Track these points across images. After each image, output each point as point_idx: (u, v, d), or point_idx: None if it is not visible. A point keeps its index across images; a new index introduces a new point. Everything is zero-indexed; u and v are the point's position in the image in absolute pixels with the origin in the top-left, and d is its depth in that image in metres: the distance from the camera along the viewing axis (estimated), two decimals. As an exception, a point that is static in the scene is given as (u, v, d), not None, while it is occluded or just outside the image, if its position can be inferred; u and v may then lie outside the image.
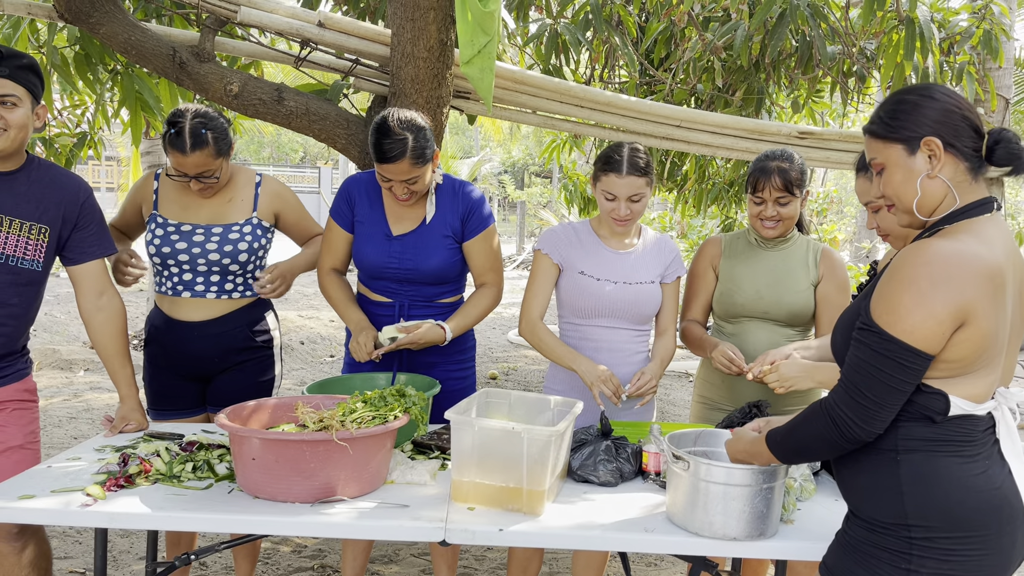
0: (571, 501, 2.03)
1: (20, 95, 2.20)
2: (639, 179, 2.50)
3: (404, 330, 2.54)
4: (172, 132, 2.51)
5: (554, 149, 7.39)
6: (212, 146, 2.53)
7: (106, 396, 6.18)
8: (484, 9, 2.99)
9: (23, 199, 2.27)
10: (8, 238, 2.24)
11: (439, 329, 2.56)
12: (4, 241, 2.24)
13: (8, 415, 2.31)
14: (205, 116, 2.55)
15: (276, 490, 1.92)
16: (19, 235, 2.26)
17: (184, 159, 2.52)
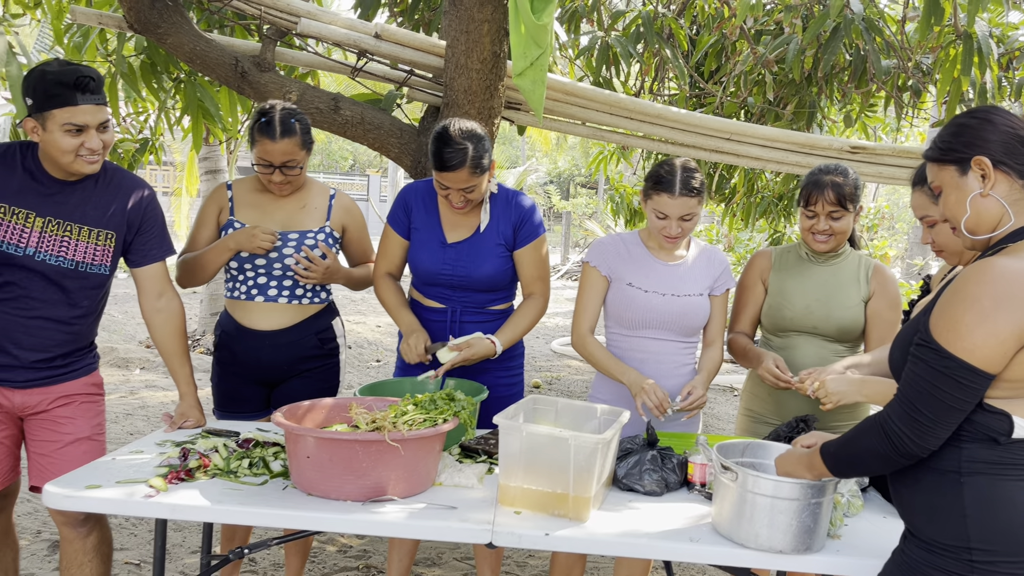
0: (616, 509, 2.05)
1: (109, 116, 2.31)
2: (691, 199, 2.50)
3: (456, 348, 2.58)
4: (263, 120, 2.61)
5: (601, 161, 7.42)
6: (299, 136, 2.63)
7: (160, 394, 6.35)
8: (538, 22, 3.04)
9: (92, 206, 2.37)
10: (79, 245, 2.34)
11: (489, 343, 2.61)
12: (75, 248, 2.34)
13: (76, 408, 2.41)
14: (293, 109, 2.67)
15: (329, 488, 1.97)
16: (88, 242, 2.36)
17: (273, 146, 2.60)
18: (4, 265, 2.28)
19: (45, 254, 2.30)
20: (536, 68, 3.16)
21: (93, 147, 2.25)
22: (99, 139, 2.26)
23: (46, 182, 2.32)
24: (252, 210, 2.75)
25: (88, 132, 2.24)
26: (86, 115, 2.23)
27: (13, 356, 2.31)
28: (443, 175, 2.53)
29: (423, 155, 3.72)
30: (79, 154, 2.25)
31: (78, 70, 2.23)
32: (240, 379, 2.79)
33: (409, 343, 2.62)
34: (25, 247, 2.28)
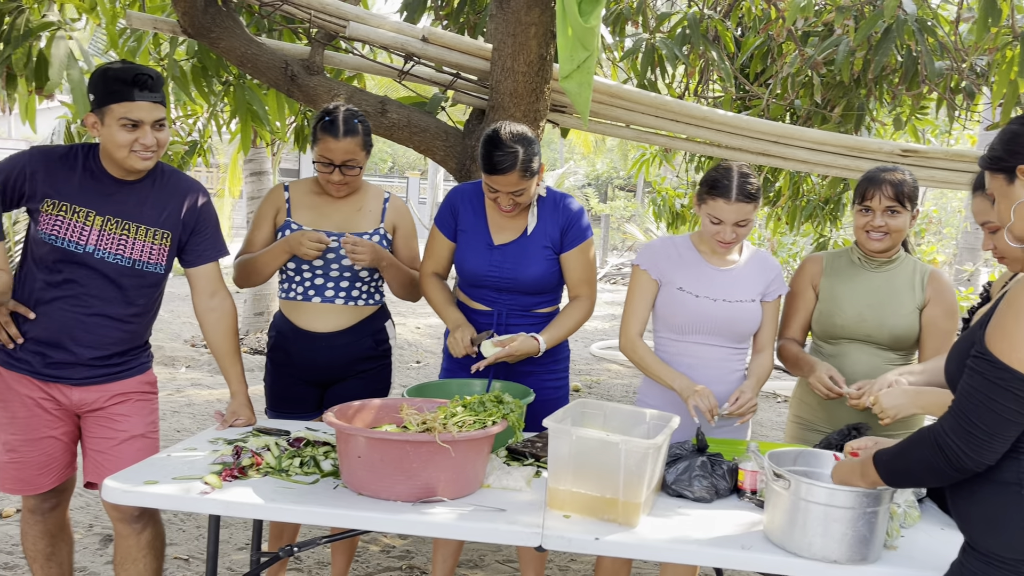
0: (665, 515, 2.04)
1: (165, 115, 2.36)
2: (747, 205, 2.47)
3: (500, 344, 2.59)
4: (327, 119, 2.65)
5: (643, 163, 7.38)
6: (361, 137, 2.66)
7: (206, 392, 6.45)
8: (585, 25, 3.03)
9: (149, 206, 2.42)
10: (135, 244, 2.39)
11: (533, 341, 2.61)
12: (132, 247, 2.39)
13: (131, 406, 2.46)
14: (356, 111, 2.71)
15: (379, 487, 1.99)
16: (145, 241, 2.41)
17: (335, 144, 2.63)
18: (65, 262, 2.34)
19: (104, 252, 2.35)
20: (583, 71, 3.15)
21: (147, 143, 2.31)
22: (153, 136, 2.31)
23: (106, 181, 2.38)
24: (309, 212, 2.78)
25: (143, 128, 2.30)
26: (142, 111, 2.29)
27: (72, 353, 2.37)
28: (492, 178, 2.54)
29: (468, 158, 3.74)
30: (133, 149, 2.30)
31: (138, 68, 2.30)
32: (294, 380, 2.82)
33: (456, 336, 2.63)
34: (85, 245, 2.34)
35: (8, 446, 2.43)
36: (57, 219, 2.33)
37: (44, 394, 2.40)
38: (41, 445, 2.43)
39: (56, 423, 2.44)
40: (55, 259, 2.34)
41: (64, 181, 2.35)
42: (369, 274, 2.79)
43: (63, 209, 2.33)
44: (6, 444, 2.43)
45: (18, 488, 2.47)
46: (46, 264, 2.35)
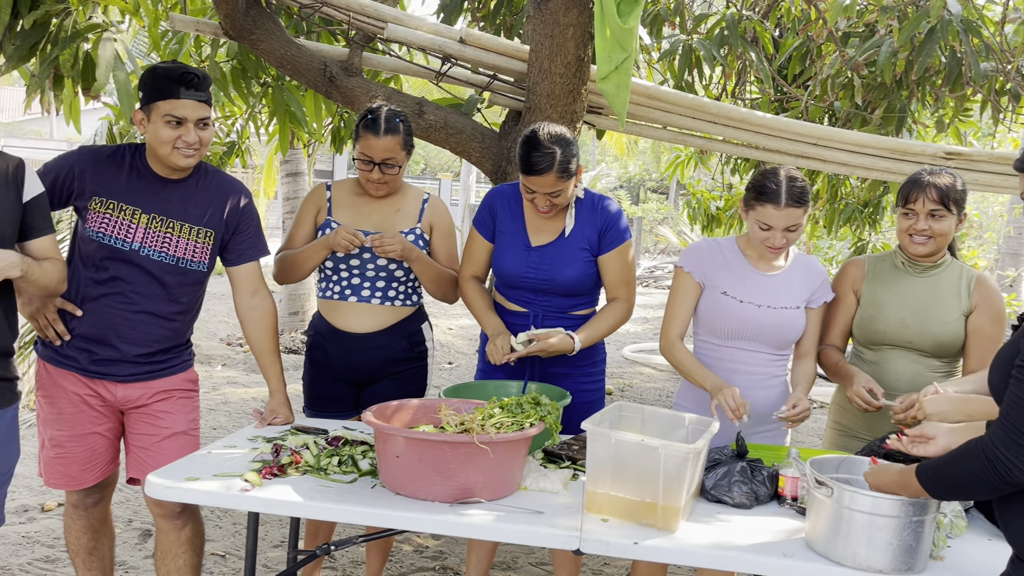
0: (704, 520, 2.02)
1: (211, 116, 2.40)
2: (797, 209, 2.42)
3: (535, 337, 2.58)
4: (369, 117, 2.68)
5: (678, 165, 7.34)
6: (402, 136, 2.68)
7: (241, 391, 6.53)
8: (623, 26, 3.02)
9: (192, 205, 2.45)
10: (179, 242, 2.43)
11: (569, 339, 2.60)
12: (176, 244, 2.42)
13: (174, 403, 2.49)
14: (399, 111, 2.74)
15: (417, 488, 1.99)
16: (188, 239, 2.44)
17: (376, 141, 2.65)
18: (111, 260, 2.38)
19: (149, 249, 2.39)
20: (621, 72, 3.14)
21: (190, 141, 2.34)
22: (196, 134, 2.35)
23: (152, 180, 2.42)
24: (349, 211, 2.80)
25: (186, 126, 2.34)
26: (186, 109, 2.33)
27: (117, 350, 2.41)
28: (530, 179, 2.53)
29: (504, 159, 3.73)
30: (176, 146, 2.34)
31: (185, 68, 2.35)
32: (331, 379, 2.83)
33: (496, 344, 2.63)
34: (131, 242, 2.38)
35: (54, 442, 2.48)
36: (104, 217, 2.37)
37: (90, 391, 2.44)
38: (86, 441, 2.47)
39: (101, 419, 2.48)
40: (102, 256, 2.38)
41: (111, 180, 2.39)
42: (405, 274, 2.80)
43: (110, 207, 2.37)
44: (52, 440, 2.48)
45: (63, 483, 2.51)
46: (93, 262, 2.40)
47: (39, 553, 3.46)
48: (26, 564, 3.36)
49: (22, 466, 4.48)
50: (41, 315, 2.40)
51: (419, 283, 2.86)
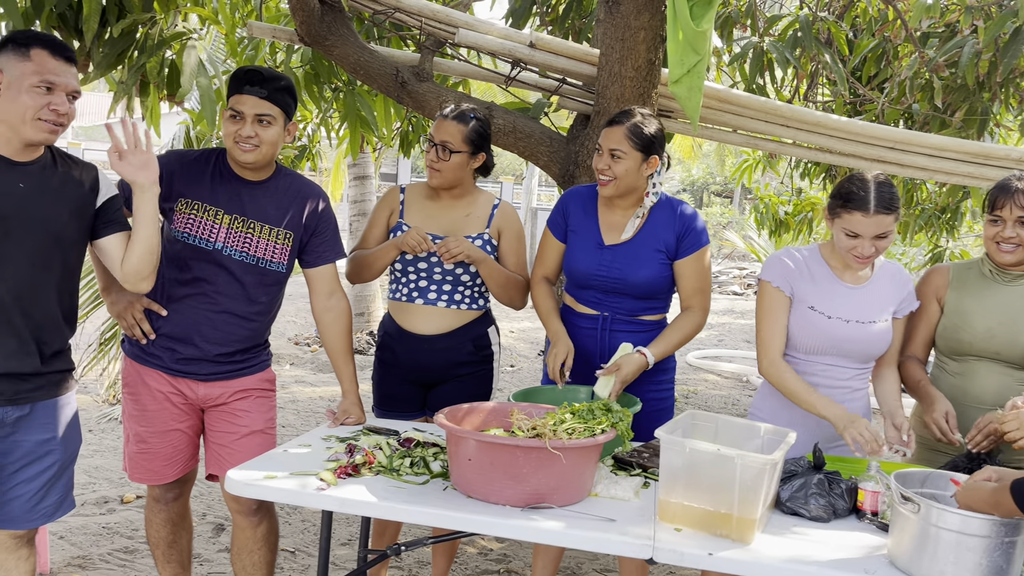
0: (780, 533, 1.97)
1: (275, 114, 2.44)
2: (887, 217, 2.31)
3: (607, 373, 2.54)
4: (451, 107, 2.82)
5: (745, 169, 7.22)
6: (467, 126, 2.75)
7: (309, 390, 6.65)
8: (697, 29, 2.98)
9: (272, 206, 2.51)
10: (260, 242, 2.49)
11: (640, 357, 2.57)
12: (256, 245, 2.48)
13: (252, 402, 2.55)
14: (480, 112, 2.84)
15: (489, 491, 2.00)
16: (268, 239, 2.50)
17: (441, 123, 2.76)
18: (195, 259, 2.46)
19: (231, 249, 2.46)
20: (693, 75, 3.10)
21: (244, 134, 2.41)
22: (253, 128, 2.40)
23: (234, 182, 2.50)
24: (420, 214, 2.84)
25: (244, 120, 2.40)
26: (244, 104, 2.41)
27: (199, 349, 2.48)
28: (603, 133, 2.60)
29: (571, 163, 3.73)
30: (235, 140, 2.42)
31: (253, 68, 2.45)
32: (399, 379, 2.87)
33: (553, 353, 2.63)
34: (214, 242, 2.45)
35: (139, 437, 2.56)
36: (189, 217, 2.45)
37: (173, 389, 2.51)
38: (168, 437, 2.55)
39: (182, 417, 2.55)
40: (186, 256, 2.46)
41: (197, 181, 2.48)
42: (471, 279, 2.81)
43: (195, 208, 2.45)
44: (137, 436, 2.56)
45: (146, 478, 2.59)
46: (177, 262, 2.47)
47: (119, 544, 3.58)
48: (106, 554, 3.47)
49: (102, 458, 4.66)
50: (128, 314, 2.48)
51: (486, 287, 2.87)
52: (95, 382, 5.98)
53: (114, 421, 5.37)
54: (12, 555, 2.23)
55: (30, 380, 2.18)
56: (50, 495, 2.25)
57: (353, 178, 8.87)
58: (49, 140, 2.14)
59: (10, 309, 2.13)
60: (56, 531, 3.62)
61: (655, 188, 2.69)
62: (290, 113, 2.49)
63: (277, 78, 2.45)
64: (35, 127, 2.09)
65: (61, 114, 2.11)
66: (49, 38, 2.15)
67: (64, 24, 3.06)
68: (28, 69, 2.08)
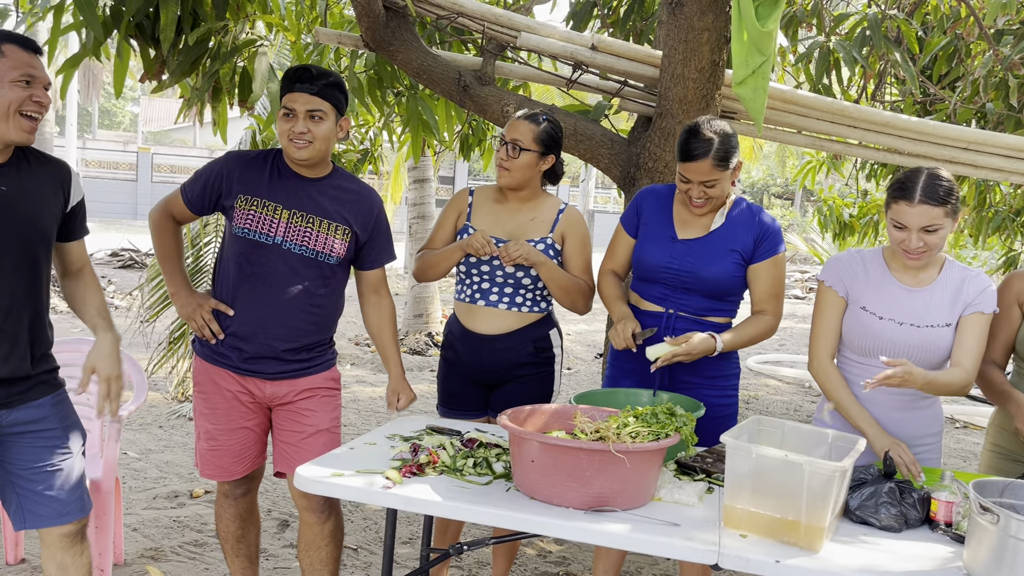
0: (849, 542, 1.94)
1: (326, 110, 2.49)
2: (934, 208, 2.24)
3: (675, 342, 2.52)
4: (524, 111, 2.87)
5: (808, 170, 7.09)
6: (538, 129, 2.80)
7: (369, 390, 6.75)
8: (762, 29, 2.94)
9: (329, 202, 2.57)
10: (319, 236, 2.55)
11: (711, 339, 2.54)
12: (315, 238, 2.54)
13: (318, 401, 2.60)
14: (552, 117, 2.89)
15: (552, 493, 2.00)
16: (326, 233, 2.56)
17: (514, 122, 2.82)
18: (256, 254, 2.52)
19: (291, 243, 2.52)
20: (758, 76, 3.05)
21: (298, 131, 2.46)
22: (305, 125, 2.45)
23: (291, 179, 2.56)
24: (486, 217, 2.87)
25: (296, 117, 2.46)
26: (295, 102, 2.47)
27: (265, 345, 2.54)
28: (686, 165, 2.54)
29: (633, 165, 3.71)
30: (289, 138, 2.48)
31: (302, 66, 2.51)
32: (462, 379, 2.90)
33: (618, 327, 2.59)
34: (274, 236, 2.52)
35: (208, 435, 2.63)
36: (249, 213, 2.52)
37: (241, 387, 2.58)
38: (237, 435, 2.62)
39: (250, 415, 2.62)
40: (248, 251, 2.53)
41: (255, 179, 2.55)
42: (533, 282, 2.82)
43: (254, 204, 2.52)
44: (207, 433, 2.64)
45: (215, 474, 2.67)
46: (238, 259, 2.55)
47: (188, 537, 3.69)
48: (177, 546, 3.58)
49: (172, 454, 4.81)
50: (197, 315, 2.56)
51: (548, 291, 2.88)
52: (164, 380, 6.17)
53: (183, 418, 5.53)
54: (68, 553, 2.29)
55: (24, 383, 2.19)
56: (76, 488, 2.28)
57: (413, 181, 8.97)
58: (28, 140, 2.15)
59: (3, 314, 2.13)
60: (129, 523, 3.75)
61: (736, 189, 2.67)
62: (341, 108, 2.54)
63: (326, 75, 2.50)
64: (16, 124, 2.09)
65: (43, 104, 2.12)
66: (14, 34, 2.15)
67: (141, 33, 3.17)
68: (6, 65, 2.07)
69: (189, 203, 2.61)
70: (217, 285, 2.63)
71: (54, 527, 2.26)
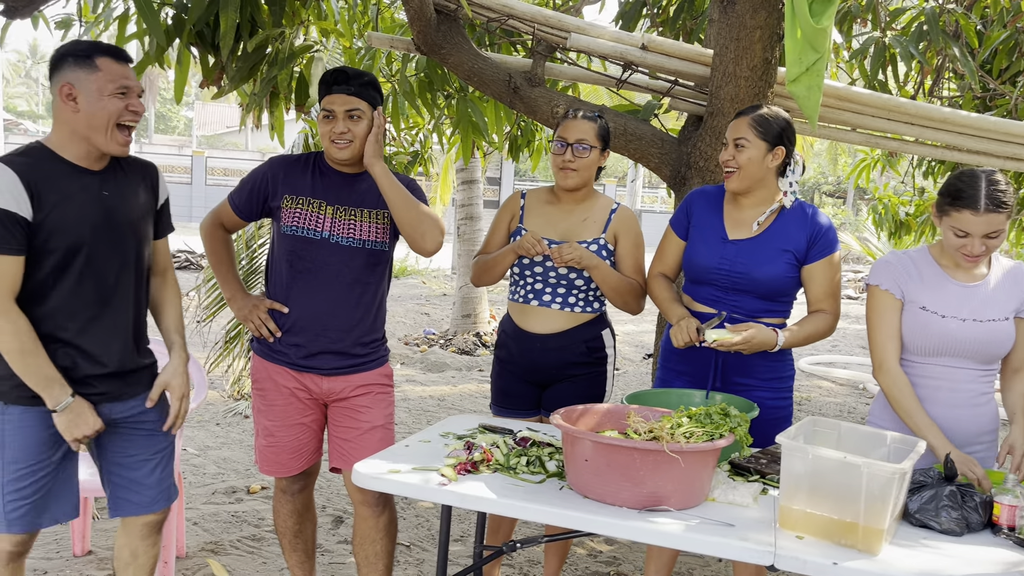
0: (909, 545, 1.91)
1: (363, 108, 2.55)
2: (998, 215, 2.22)
3: (735, 330, 2.50)
4: (570, 111, 2.89)
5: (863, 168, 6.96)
6: (596, 124, 2.84)
7: (419, 389, 6.82)
8: (816, 26, 2.91)
9: (369, 192, 2.63)
10: (363, 225, 2.61)
11: (772, 333, 2.52)
12: (360, 228, 2.61)
13: (373, 398, 2.66)
14: (600, 114, 2.93)
15: (605, 492, 2.01)
16: (370, 222, 2.63)
17: (573, 123, 2.83)
18: (305, 250, 2.59)
19: (339, 236, 2.59)
20: (812, 74, 3.03)
21: (339, 131, 2.52)
22: (345, 125, 2.51)
23: (333, 177, 2.64)
24: (539, 219, 2.89)
25: (336, 118, 2.52)
26: (334, 103, 2.53)
27: (321, 338, 2.60)
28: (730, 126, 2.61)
29: (683, 165, 3.70)
30: (331, 139, 2.54)
31: (338, 69, 2.56)
32: (515, 377, 2.93)
33: (680, 325, 2.58)
34: (321, 231, 2.59)
35: (267, 431, 2.70)
36: (295, 211, 2.60)
37: (298, 384, 2.65)
38: (294, 431, 2.69)
39: (307, 411, 2.68)
40: (297, 248, 2.60)
41: (299, 179, 2.63)
42: (585, 283, 2.83)
43: (300, 202, 2.60)
44: (265, 430, 2.71)
45: (273, 470, 2.73)
46: (289, 257, 2.62)
47: (247, 532, 3.78)
48: (236, 540, 3.67)
49: (230, 451, 4.92)
50: (254, 316, 2.65)
51: (600, 291, 2.89)
52: (221, 378, 6.32)
53: (239, 416, 5.66)
54: (144, 542, 2.42)
55: (132, 376, 2.33)
56: (166, 479, 2.43)
57: (461, 182, 9.03)
58: (124, 153, 2.23)
59: (117, 311, 2.26)
60: (190, 518, 3.86)
61: (792, 188, 2.64)
62: (376, 106, 2.59)
63: (361, 75, 2.57)
64: (113, 137, 2.17)
65: (138, 113, 2.20)
66: (106, 46, 2.23)
67: (201, 40, 3.26)
68: (102, 79, 2.13)
69: (237, 210, 2.70)
70: (270, 285, 2.70)
71: (140, 516, 2.39)
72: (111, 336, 2.26)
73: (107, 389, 2.27)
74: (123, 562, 2.43)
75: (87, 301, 2.21)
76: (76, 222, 2.16)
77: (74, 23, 3.83)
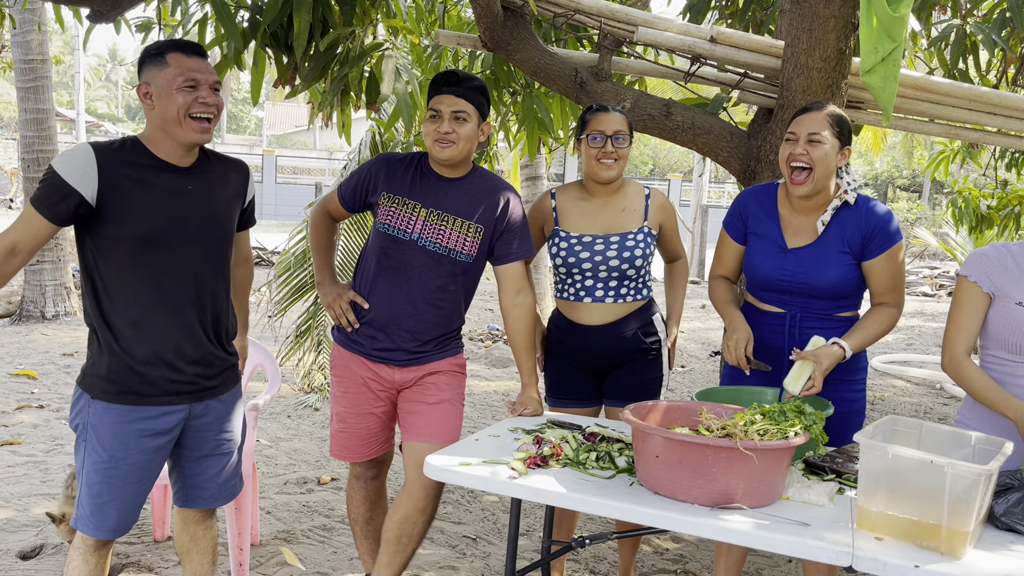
0: (994, 549, 1.84)
1: (470, 111, 2.58)
2: None
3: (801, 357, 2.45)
4: (593, 106, 2.91)
5: (941, 160, 6.73)
6: (624, 116, 2.88)
7: (484, 384, 6.87)
8: (893, 14, 2.82)
9: (465, 202, 2.65)
10: (452, 234, 2.63)
11: (838, 349, 2.47)
12: (449, 236, 2.63)
13: (442, 376, 2.71)
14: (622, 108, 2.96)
15: (677, 489, 2.00)
16: (459, 232, 2.64)
17: (607, 116, 2.85)
18: (394, 249, 2.64)
19: (426, 240, 2.63)
20: (888, 64, 2.93)
21: (443, 131, 2.55)
22: (450, 126, 2.55)
23: (433, 180, 2.67)
24: (576, 218, 2.91)
25: (441, 119, 2.56)
26: (442, 103, 2.57)
27: (397, 336, 2.66)
28: (797, 119, 2.57)
29: (753, 158, 3.64)
30: (435, 139, 2.57)
31: (450, 70, 2.61)
32: (569, 369, 2.95)
33: (729, 344, 2.58)
34: (411, 232, 2.63)
35: (339, 417, 2.79)
36: (390, 210, 2.65)
37: (372, 374, 2.70)
38: (364, 420, 2.75)
39: (377, 402, 2.74)
40: (387, 246, 2.65)
41: (400, 179, 2.68)
42: (636, 271, 2.86)
43: (395, 202, 2.65)
44: (338, 415, 2.79)
45: (344, 455, 2.81)
46: (378, 253, 2.68)
47: (317, 521, 3.86)
48: (307, 530, 3.76)
49: (300, 442, 5.04)
50: (337, 304, 2.72)
51: (649, 277, 2.93)
52: (292, 372, 6.47)
53: (309, 408, 5.79)
54: (201, 526, 2.56)
55: (213, 371, 2.39)
56: (232, 477, 2.52)
57: (526, 179, 9.05)
58: (203, 140, 2.27)
59: (197, 305, 2.33)
60: (264, 507, 3.96)
61: (852, 185, 2.58)
62: (484, 112, 2.62)
63: (471, 78, 2.60)
64: (187, 127, 2.22)
65: (210, 105, 2.24)
66: (179, 41, 2.28)
67: (275, 42, 3.34)
68: (170, 73, 2.18)
69: (343, 201, 2.79)
70: (358, 276, 2.77)
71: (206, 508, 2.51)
72: (188, 329, 2.32)
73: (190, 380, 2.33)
74: (184, 547, 2.56)
75: (166, 291, 2.27)
76: (153, 212, 2.22)
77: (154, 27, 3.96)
